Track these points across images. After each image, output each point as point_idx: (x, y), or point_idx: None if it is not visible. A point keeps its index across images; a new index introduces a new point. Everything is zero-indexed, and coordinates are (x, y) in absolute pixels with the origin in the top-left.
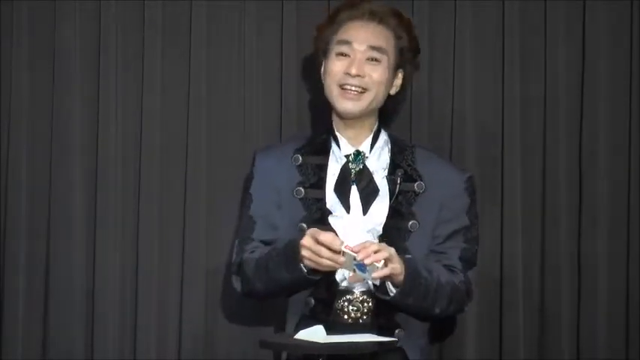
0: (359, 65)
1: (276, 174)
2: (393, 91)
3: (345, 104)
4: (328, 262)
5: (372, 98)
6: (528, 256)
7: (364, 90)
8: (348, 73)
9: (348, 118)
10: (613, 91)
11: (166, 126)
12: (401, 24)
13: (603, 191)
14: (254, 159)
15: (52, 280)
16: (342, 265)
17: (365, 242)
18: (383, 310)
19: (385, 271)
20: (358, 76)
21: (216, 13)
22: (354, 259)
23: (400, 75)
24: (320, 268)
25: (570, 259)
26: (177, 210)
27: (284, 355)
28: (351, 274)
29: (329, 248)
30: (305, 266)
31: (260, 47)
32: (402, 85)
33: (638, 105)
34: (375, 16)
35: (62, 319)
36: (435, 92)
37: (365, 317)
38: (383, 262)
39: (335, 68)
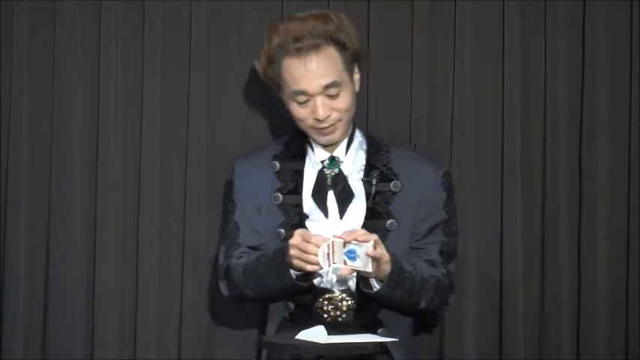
0: (323, 108)
1: (255, 180)
2: (357, 88)
3: (322, 139)
4: (315, 258)
5: (347, 121)
6: (528, 256)
7: (337, 121)
8: (316, 119)
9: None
10: (613, 91)
11: (167, 126)
12: (339, 31)
13: (603, 191)
14: (234, 166)
15: (52, 280)
16: (334, 260)
17: (351, 229)
18: (365, 309)
19: (377, 252)
20: (327, 117)
21: (216, 13)
22: (344, 246)
23: (357, 69)
24: (307, 268)
25: (570, 258)
26: (178, 210)
27: (264, 353)
28: (342, 267)
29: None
30: (294, 272)
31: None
32: (359, 77)
33: (638, 105)
34: (311, 46)
35: (62, 319)
36: (434, 92)
37: (344, 316)
38: (373, 242)
39: (301, 115)
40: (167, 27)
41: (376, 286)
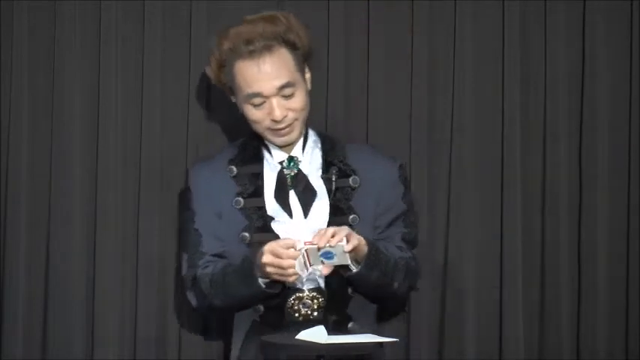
0: (279, 108)
1: (213, 186)
2: (309, 86)
3: (279, 140)
4: (293, 270)
5: (302, 121)
6: (528, 256)
7: (293, 121)
8: (273, 120)
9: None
10: (613, 91)
11: (167, 126)
12: (288, 31)
13: (603, 191)
14: (189, 174)
15: (52, 280)
16: (311, 264)
17: (319, 230)
18: (335, 305)
19: (354, 242)
20: (284, 117)
21: (216, 13)
22: (318, 250)
23: (307, 69)
24: (289, 280)
25: (570, 258)
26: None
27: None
28: (323, 267)
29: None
30: (263, 280)
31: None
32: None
33: (638, 105)
34: (263, 47)
35: (62, 319)
36: (434, 92)
37: (315, 314)
38: (345, 239)
39: (257, 117)
40: (167, 27)
41: (354, 268)
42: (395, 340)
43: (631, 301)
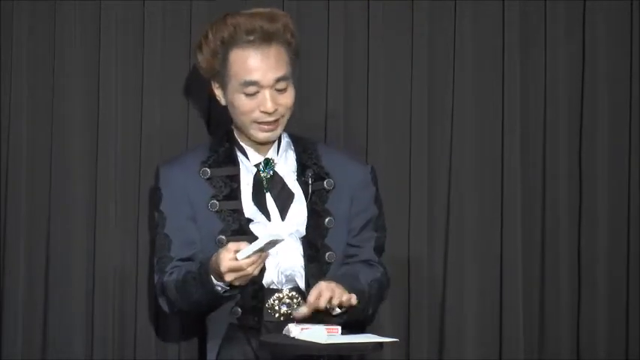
0: (272, 99)
1: (185, 188)
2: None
3: (262, 135)
4: (253, 268)
5: (287, 119)
6: (528, 256)
7: (280, 117)
8: (263, 112)
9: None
10: (613, 91)
11: (166, 126)
12: (286, 28)
13: (603, 191)
14: (158, 174)
15: (52, 280)
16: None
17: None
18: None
19: (347, 300)
20: (275, 110)
21: (216, 13)
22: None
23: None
24: (251, 279)
25: (570, 258)
26: None
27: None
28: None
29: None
30: (221, 286)
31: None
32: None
33: (638, 105)
34: (265, 37)
35: (62, 319)
36: (434, 92)
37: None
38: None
39: (247, 107)
40: (167, 27)
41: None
42: (395, 340)
43: (631, 301)
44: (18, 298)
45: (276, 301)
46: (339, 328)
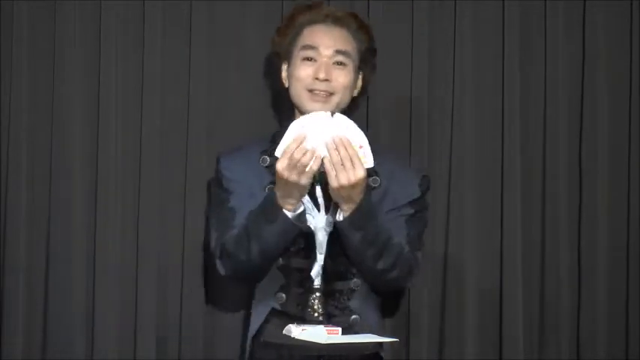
0: (327, 69)
1: (245, 173)
2: (355, 93)
3: (313, 106)
4: (308, 158)
5: (339, 101)
6: (528, 257)
7: (331, 93)
8: (316, 78)
9: None
10: (613, 91)
11: (167, 126)
12: (361, 27)
13: (603, 190)
14: (219, 161)
15: (52, 280)
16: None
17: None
18: (334, 298)
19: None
20: (326, 80)
21: (216, 13)
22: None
23: (360, 77)
24: (305, 178)
25: (570, 259)
26: (178, 210)
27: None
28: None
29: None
30: (289, 212)
31: (260, 47)
32: (362, 87)
33: (638, 105)
34: (338, 20)
35: (62, 319)
36: (434, 92)
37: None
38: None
39: (302, 73)
40: (167, 27)
41: (340, 215)
42: (395, 340)
43: (631, 301)
44: (18, 298)
45: (315, 301)
46: (340, 329)
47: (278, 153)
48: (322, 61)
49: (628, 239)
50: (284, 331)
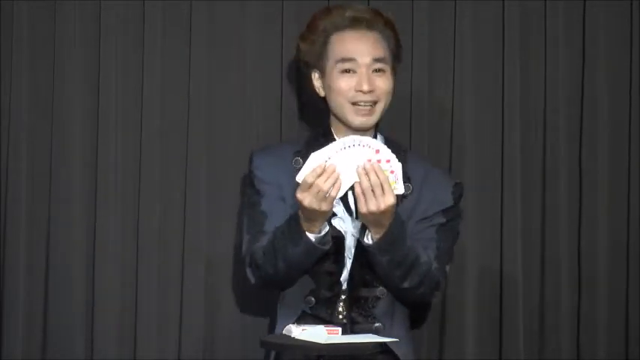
0: (369, 80)
1: (277, 173)
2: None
3: (359, 120)
4: (323, 180)
5: (383, 108)
6: (528, 256)
7: (375, 102)
8: (359, 91)
9: (360, 131)
10: (613, 91)
11: (167, 126)
12: (387, 25)
13: (603, 191)
14: (252, 159)
15: (52, 279)
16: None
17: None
18: (359, 304)
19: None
20: (370, 91)
21: (216, 13)
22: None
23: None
24: (332, 194)
25: (570, 258)
26: (178, 210)
27: (273, 354)
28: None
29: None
30: (312, 235)
31: (260, 47)
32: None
33: (638, 105)
34: (365, 23)
35: (62, 319)
36: (435, 92)
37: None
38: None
39: (343, 86)
40: (167, 27)
41: (368, 240)
42: (395, 340)
43: (631, 301)
44: (18, 298)
45: (340, 304)
46: (340, 328)
47: (299, 179)
48: (362, 71)
49: (628, 239)
50: (284, 331)
